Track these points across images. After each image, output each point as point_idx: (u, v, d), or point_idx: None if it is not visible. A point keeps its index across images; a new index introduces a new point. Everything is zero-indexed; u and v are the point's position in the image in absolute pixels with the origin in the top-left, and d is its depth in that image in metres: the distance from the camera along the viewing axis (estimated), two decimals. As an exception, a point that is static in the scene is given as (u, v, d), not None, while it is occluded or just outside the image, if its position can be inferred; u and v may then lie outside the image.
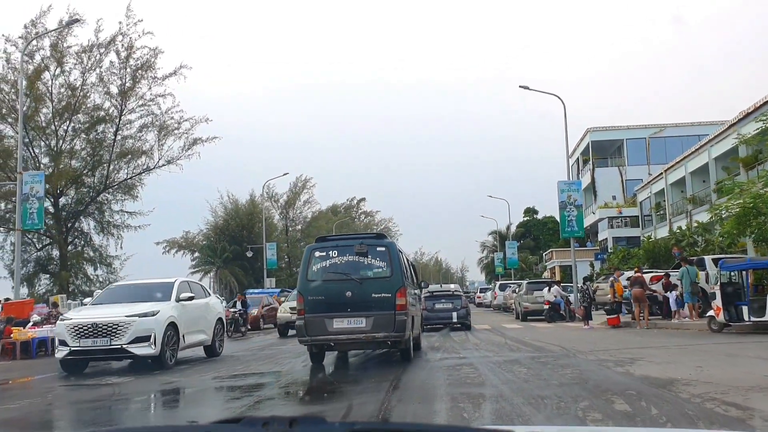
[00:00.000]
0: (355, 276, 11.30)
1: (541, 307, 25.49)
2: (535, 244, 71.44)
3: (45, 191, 38.19)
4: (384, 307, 11.11)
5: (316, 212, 76.64)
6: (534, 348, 13.95)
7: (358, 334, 11.12)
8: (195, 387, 10.54)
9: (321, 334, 11.15)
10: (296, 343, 12.48)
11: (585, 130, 51.39)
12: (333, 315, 11.11)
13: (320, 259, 11.64)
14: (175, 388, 10.53)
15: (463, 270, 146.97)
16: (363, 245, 11.59)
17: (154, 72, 38.39)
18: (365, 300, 11.10)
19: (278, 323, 23.42)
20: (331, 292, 11.29)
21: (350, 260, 11.49)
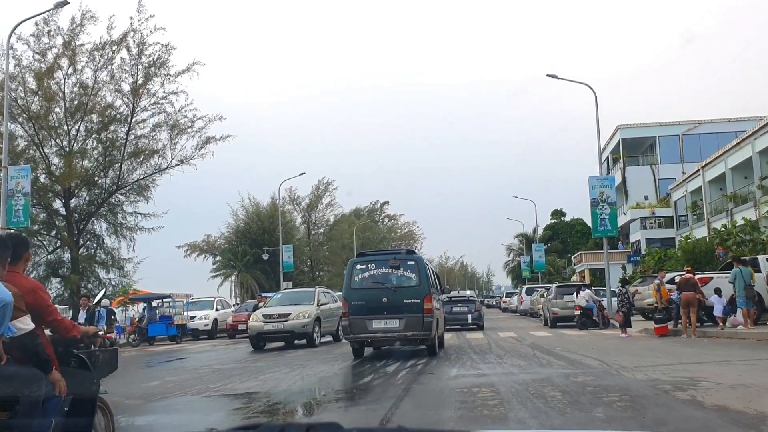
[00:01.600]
0: (390, 285, 13.44)
1: (572, 313, 23.10)
2: (563, 247, 68.74)
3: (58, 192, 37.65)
4: (414, 311, 13.12)
5: (338, 215, 74.76)
6: (568, 362, 11.67)
7: (393, 332, 13.31)
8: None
9: (363, 332, 13.40)
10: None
11: (615, 128, 48.70)
12: (372, 317, 13.27)
13: (361, 271, 13.88)
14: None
15: (489, 274, 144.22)
16: (396, 260, 13.85)
17: (167, 69, 36.77)
18: (398, 305, 13.13)
19: (249, 334, 19.40)
20: (370, 298, 13.41)
21: (386, 272, 13.73)
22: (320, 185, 72.40)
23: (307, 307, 19.11)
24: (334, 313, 20.14)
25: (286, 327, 18.34)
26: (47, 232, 37.20)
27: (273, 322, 18.56)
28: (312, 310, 18.99)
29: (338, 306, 19.15)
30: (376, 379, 10.40)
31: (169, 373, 13.59)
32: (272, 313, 18.83)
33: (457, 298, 26.76)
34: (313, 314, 18.85)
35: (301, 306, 19.23)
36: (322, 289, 22.26)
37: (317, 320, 19.02)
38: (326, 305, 20.37)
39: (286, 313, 18.65)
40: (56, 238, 37.11)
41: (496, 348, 15.57)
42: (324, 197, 73.13)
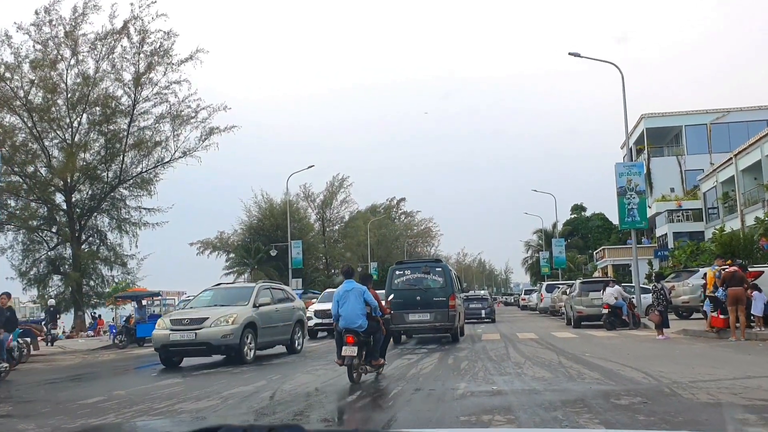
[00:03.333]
0: (422, 286, 16.33)
1: (599, 312, 20.74)
2: (584, 242, 66.08)
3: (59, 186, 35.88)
4: (441, 306, 16.35)
5: (353, 212, 72.62)
6: (602, 373, 9.39)
7: (425, 323, 16.36)
8: None
9: (402, 323, 16.23)
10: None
11: (639, 117, 45.99)
12: (408, 311, 16.35)
13: (399, 276, 17.21)
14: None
15: (507, 272, 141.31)
16: (427, 267, 17.24)
17: (170, 58, 34.86)
18: (429, 302, 16.17)
19: (154, 346, 13.81)
20: (407, 297, 16.45)
21: (419, 276, 16.95)
22: (334, 181, 70.41)
23: (234, 310, 13.50)
24: (284, 317, 15.06)
25: (199, 337, 12.81)
26: (48, 228, 35.47)
27: (182, 329, 12.99)
28: (241, 313, 13.37)
29: (293, 307, 15.49)
30: (362, 398, 8.19)
31: (131, 382, 11.50)
32: (183, 318, 13.42)
33: (474, 297, 30.90)
34: (242, 319, 13.19)
35: (227, 308, 13.68)
36: (266, 284, 15.79)
37: (249, 327, 13.46)
38: (268, 306, 14.47)
39: (200, 318, 13.14)
40: (57, 234, 35.38)
41: (514, 353, 13.29)
42: (339, 194, 71.10)
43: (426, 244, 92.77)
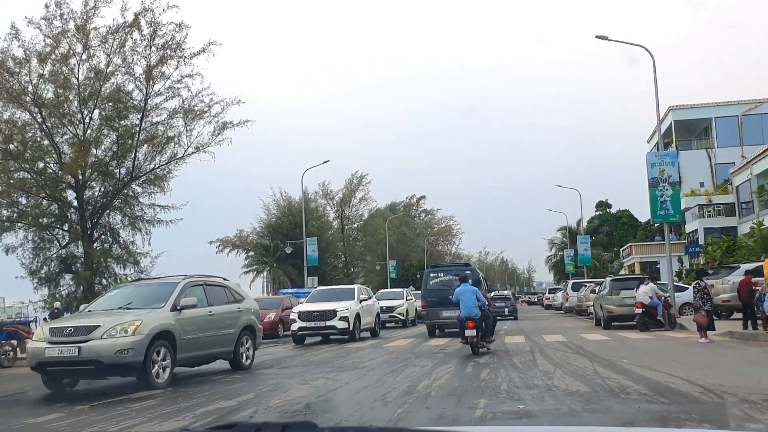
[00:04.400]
0: (455, 286, 15.83)
1: (631, 311, 19.03)
2: (609, 240, 64.00)
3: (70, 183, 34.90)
4: None
5: (372, 210, 71.21)
6: (649, 386, 7.81)
7: (455, 319, 15.24)
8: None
9: (436, 318, 19.52)
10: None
11: (667, 109, 43.89)
12: (442, 309, 18.91)
13: (434, 278, 20.37)
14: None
15: (530, 270, 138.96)
16: (458, 270, 18.47)
17: (182, 51, 33.69)
18: None
19: (29, 364, 10.28)
20: (440, 296, 19.11)
21: (451, 278, 18.63)
22: (353, 179, 69.09)
23: (140, 314, 9.99)
24: (224, 324, 11.58)
25: (83, 353, 9.30)
26: (59, 226, 34.48)
27: (63, 342, 9.50)
28: (150, 319, 9.90)
29: (238, 309, 12.05)
30: (356, 411, 6.70)
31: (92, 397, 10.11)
32: (66, 327, 9.89)
33: (498, 296, 32.56)
34: (149, 328, 9.73)
35: (131, 312, 10.21)
36: (195, 279, 11.61)
37: (162, 338, 9.93)
38: (195, 309, 10.80)
39: (89, 327, 9.58)
40: (68, 231, 34.38)
41: (541, 359, 11.73)
42: (357, 191, 69.76)
43: (447, 243, 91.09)
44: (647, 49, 22.94)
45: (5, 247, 33.05)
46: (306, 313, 18.74)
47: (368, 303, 20.63)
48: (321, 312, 18.54)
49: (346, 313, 18.41)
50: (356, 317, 18.83)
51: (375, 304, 21.58)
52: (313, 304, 19.33)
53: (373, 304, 21.35)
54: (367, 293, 21.55)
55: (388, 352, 14.54)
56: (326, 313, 18.41)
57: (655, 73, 22.55)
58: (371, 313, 20.57)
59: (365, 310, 19.88)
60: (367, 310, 20.05)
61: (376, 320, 21.02)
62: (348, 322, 18.29)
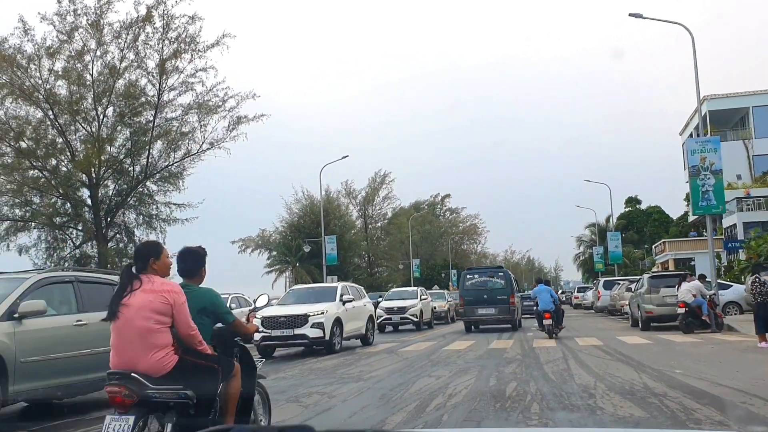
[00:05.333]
0: (488, 287, 20.82)
1: (673, 311, 17.12)
2: (639, 237, 61.45)
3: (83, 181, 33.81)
4: (503, 303, 20.73)
5: (396, 208, 69.49)
6: (720, 409, 6.07)
7: (490, 316, 20.71)
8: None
9: (472, 315, 21.26)
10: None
11: (701, 99, 41.56)
12: (478, 306, 20.95)
13: (470, 279, 22.12)
14: None
15: (557, 269, 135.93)
16: (492, 272, 22.43)
17: (195, 44, 32.42)
18: (494, 299, 20.70)
19: None
20: (476, 295, 21.19)
21: (485, 279, 21.67)
22: (376, 177, 67.50)
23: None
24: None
25: None
26: (73, 225, 33.42)
27: None
28: None
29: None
30: None
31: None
32: None
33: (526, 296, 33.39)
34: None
35: None
36: (49, 274, 7.99)
37: None
38: (40, 319, 7.21)
39: None
40: (82, 231, 33.29)
41: (577, 368, 9.96)
42: (381, 190, 68.14)
43: (472, 242, 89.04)
44: (686, 26, 21.04)
45: (18, 247, 32.12)
46: (271, 320, 14.43)
47: (356, 305, 16.44)
48: (289, 318, 14.43)
49: (320, 318, 14.38)
50: (336, 323, 14.85)
51: (366, 306, 17.62)
52: (283, 308, 15.27)
53: (363, 305, 17.26)
54: (355, 292, 17.31)
55: (403, 358, 12.87)
56: (295, 319, 14.39)
57: (694, 52, 20.69)
58: (360, 317, 16.63)
59: (350, 314, 15.84)
60: (353, 314, 16.06)
61: (368, 325, 17.09)
62: (323, 330, 14.27)
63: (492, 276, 21.79)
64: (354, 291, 17.49)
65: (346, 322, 15.47)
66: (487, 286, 21.28)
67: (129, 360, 3.89)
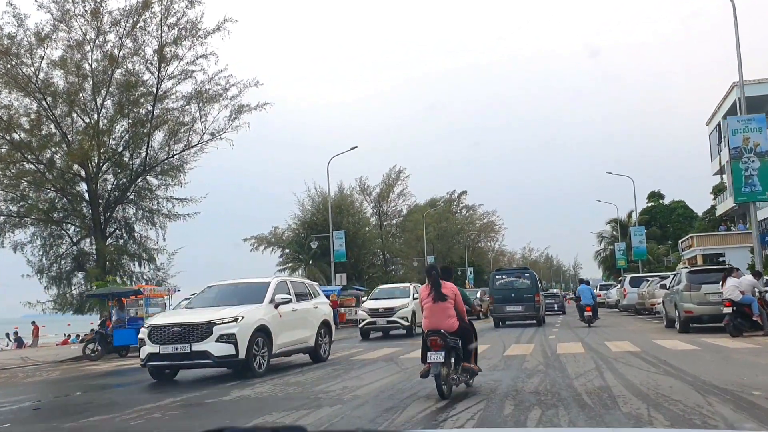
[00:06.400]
0: (516, 286, 22.12)
1: (717, 311, 14.73)
2: (662, 233, 58.62)
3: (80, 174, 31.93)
4: (529, 301, 22.04)
5: (411, 205, 67.20)
6: None
7: (517, 313, 22.08)
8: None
9: (501, 312, 22.58)
10: None
11: (730, 85, 38.82)
12: (506, 304, 22.31)
13: (498, 279, 23.69)
14: None
15: (575, 267, 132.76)
16: (519, 273, 24.35)
17: (196, 31, 30.48)
18: (520, 297, 22.02)
19: None
20: (505, 294, 22.58)
21: (513, 279, 23.14)
22: (391, 174, 65.21)
23: None
24: None
25: None
26: (71, 221, 31.60)
27: None
28: None
29: None
30: None
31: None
32: None
33: (548, 294, 34.71)
34: None
35: None
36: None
37: None
38: None
39: None
40: (80, 227, 31.47)
41: (618, 385, 7.66)
42: (395, 186, 65.81)
43: (489, 239, 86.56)
44: (725, -8, 18.54)
45: (13, 244, 30.36)
46: (161, 331, 10.11)
47: (298, 307, 11.85)
48: (185, 328, 10.01)
49: (230, 329, 9.91)
50: (257, 335, 10.30)
51: (318, 308, 12.79)
52: (183, 315, 10.91)
53: (312, 307, 12.54)
54: (301, 289, 12.63)
55: (402, 368, 10.65)
56: (193, 331, 9.96)
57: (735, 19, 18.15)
58: (304, 325, 12.00)
59: (287, 320, 11.27)
60: (292, 320, 11.49)
61: (318, 336, 12.36)
62: (235, 345, 9.88)
63: (519, 276, 23.61)
64: (300, 288, 12.81)
65: (279, 332, 11.01)
66: (514, 285, 22.84)
67: (437, 323, 7.34)
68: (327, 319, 13.08)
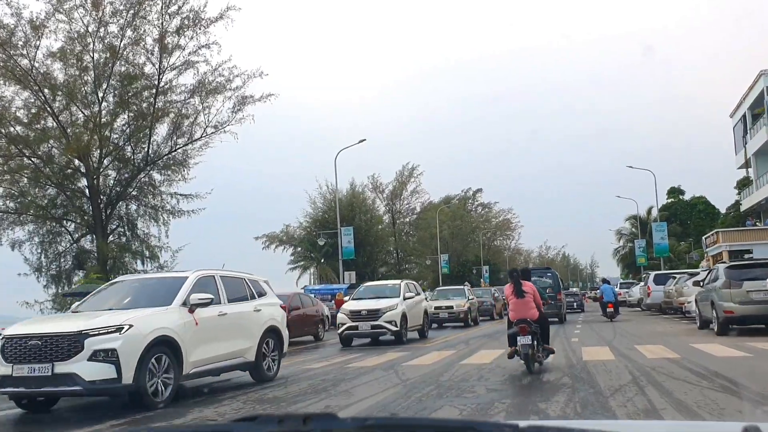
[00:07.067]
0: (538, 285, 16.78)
1: (763, 310, 12.93)
2: (683, 230, 56.37)
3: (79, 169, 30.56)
4: (552, 300, 19.87)
5: (425, 203, 65.42)
6: None
7: None
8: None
9: None
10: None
11: (757, 74, 36.66)
12: None
13: None
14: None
15: (592, 266, 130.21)
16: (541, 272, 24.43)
17: (199, 20, 29.11)
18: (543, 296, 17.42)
19: None
20: None
21: (536, 279, 19.14)
22: (404, 171, 63.48)
23: None
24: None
25: None
26: (71, 218, 30.32)
27: None
28: None
29: None
30: None
31: None
32: None
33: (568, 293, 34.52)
34: None
35: None
36: None
37: None
38: None
39: None
40: (81, 224, 30.17)
41: (661, 402, 5.95)
42: (409, 184, 64.09)
43: (505, 237, 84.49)
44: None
45: (11, 242, 29.11)
46: (16, 345, 7.18)
47: (228, 311, 8.83)
48: (46, 341, 7.08)
49: (109, 342, 6.98)
50: (156, 350, 7.35)
51: (262, 312, 9.57)
52: (50, 321, 8.57)
53: (250, 311, 9.40)
54: (236, 287, 9.47)
55: (401, 380, 8.97)
56: (57, 344, 7.04)
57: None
58: (239, 334, 9.02)
59: (207, 330, 8.31)
60: (215, 329, 8.53)
61: (261, 347, 9.33)
62: (116, 366, 6.94)
63: (541, 276, 23.67)
64: (235, 285, 9.54)
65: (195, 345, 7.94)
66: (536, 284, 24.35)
67: (523, 314, 9.08)
68: (275, 325, 9.72)
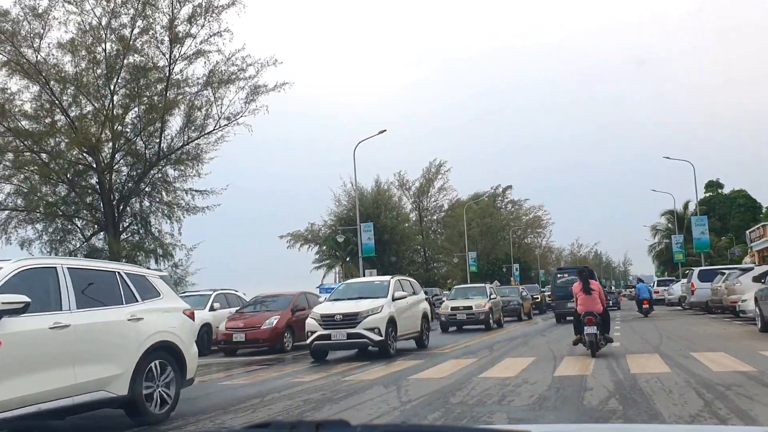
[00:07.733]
0: None
1: None
2: (722, 225, 53.26)
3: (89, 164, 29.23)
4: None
5: (453, 200, 63.19)
6: None
7: None
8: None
9: (563, 309, 22.60)
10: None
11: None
12: (567, 301, 20.32)
13: (560, 278, 25.55)
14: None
15: (625, 263, 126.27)
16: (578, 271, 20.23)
17: (210, 5, 27.55)
18: None
19: None
20: (565, 291, 21.29)
21: (573, 277, 20.11)
22: (431, 167, 61.31)
23: None
24: None
25: None
26: (82, 216, 29.00)
27: None
28: None
29: None
30: None
31: None
32: None
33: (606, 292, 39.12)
34: None
35: None
36: None
37: None
38: None
39: None
40: (91, 222, 28.84)
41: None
42: (436, 181, 61.93)
43: (536, 235, 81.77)
44: None
45: (21, 240, 27.86)
46: None
47: (67, 322, 5.78)
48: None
49: None
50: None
51: (143, 323, 6.71)
52: None
53: (112, 322, 6.38)
54: (96, 288, 6.45)
55: (405, 399, 7.02)
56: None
57: None
58: (102, 353, 6.18)
59: (12, 355, 5.32)
60: (40, 351, 5.61)
61: (147, 371, 6.60)
62: None
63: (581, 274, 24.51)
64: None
65: None
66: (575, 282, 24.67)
67: (590, 308, 10.56)
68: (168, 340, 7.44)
